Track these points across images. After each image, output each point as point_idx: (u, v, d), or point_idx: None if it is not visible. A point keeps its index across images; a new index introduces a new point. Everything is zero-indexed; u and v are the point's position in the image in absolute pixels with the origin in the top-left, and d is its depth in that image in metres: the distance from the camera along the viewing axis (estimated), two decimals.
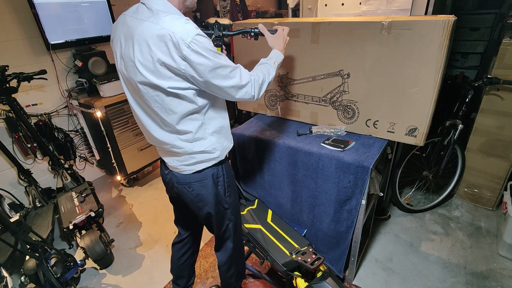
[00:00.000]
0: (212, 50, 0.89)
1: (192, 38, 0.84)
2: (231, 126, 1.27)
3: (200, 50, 0.86)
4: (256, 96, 1.05)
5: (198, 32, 0.87)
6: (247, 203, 1.69)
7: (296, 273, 1.29)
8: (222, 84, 0.94)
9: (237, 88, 0.98)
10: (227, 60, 0.95)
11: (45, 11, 2.21)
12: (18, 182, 2.33)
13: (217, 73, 0.91)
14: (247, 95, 1.01)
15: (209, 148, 1.07)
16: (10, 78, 1.92)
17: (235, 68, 0.97)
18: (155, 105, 0.95)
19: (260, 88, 1.05)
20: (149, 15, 0.89)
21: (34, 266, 1.50)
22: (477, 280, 1.67)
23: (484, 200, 2.19)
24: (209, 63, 0.88)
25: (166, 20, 0.86)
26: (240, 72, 0.99)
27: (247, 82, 1.00)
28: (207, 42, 0.88)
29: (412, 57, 1.21)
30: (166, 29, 0.84)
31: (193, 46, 0.84)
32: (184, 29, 0.85)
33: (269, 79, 1.09)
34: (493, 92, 1.93)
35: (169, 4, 0.93)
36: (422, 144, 1.35)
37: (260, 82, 1.05)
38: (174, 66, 0.86)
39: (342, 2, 1.86)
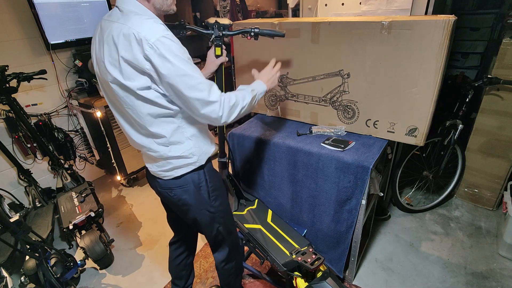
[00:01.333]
0: (179, 55, 0.86)
1: (157, 39, 0.82)
2: (231, 126, 1.26)
3: (165, 53, 0.83)
4: (225, 117, 0.97)
5: (166, 34, 0.84)
6: (247, 203, 1.69)
7: (296, 273, 1.29)
8: (187, 93, 0.88)
9: (203, 103, 0.91)
10: (196, 71, 0.90)
11: (45, 11, 2.21)
12: (18, 182, 2.33)
13: (182, 81, 0.86)
14: (213, 114, 0.94)
15: (186, 153, 1.03)
16: (10, 78, 1.92)
17: (206, 83, 0.92)
18: (127, 107, 0.94)
19: (230, 110, 0.97)
20: (120, 16, 0.88)
21: (34, 266, 1.50)
22: (477, 280, 1.67)
23: (484, 200, 2.19)
24: (172, 68, 0.84)
25: (134, 20, 0.85)
26: (211, 88, 0.93)
27: (215, 100, 0.93)
28: (174, 46, 0.85)
29: (412, 57, 1.21)
30: (131, 28, 0.83)
31: (157, 47, 0.82)
32: (149, 29, 0.83)
33: (243, 104, 1.01)
34: (493, 92, 1.93)
35: (141, 6, 0.91)
36: (422, 144, 1.35)
37: (232, 104, 0.97)
38: (138, 65, 0.84)
39: (342, 2, 1.86)
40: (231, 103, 0.98)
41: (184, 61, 0.87)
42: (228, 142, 1.73)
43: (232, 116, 1.00)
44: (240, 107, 1.01)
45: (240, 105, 1.01)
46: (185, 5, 3.34)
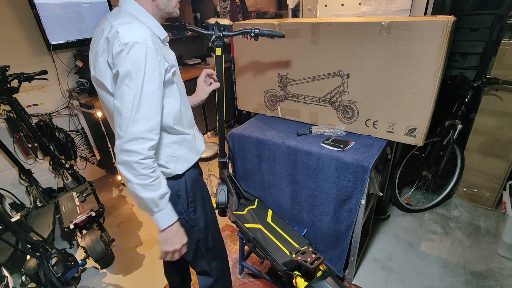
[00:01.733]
0: (147, 71, 0.78)
1: (132, 41, 0.77)
2: (231, 126, 1.24)
3: (131, 60, 0.76)
4: (119, 160, 0.82)
5: (144, 41, 0.78)
6: (247, 202, 1.69)
7: (296, 272, 1.30)
8: (118, 105, 0.79)
9: (124, 127, 0.79)
10: (154, 99, 0.81)
11: (46, 11, 2.22)
12: (19, 182, 2.34)
13: (125, 99, 0.78)
14: (121, 145, 0.80)
15: (162, 162, 0.95)
16: (11, 79, 1.93)
17: (149, 118, 0.81)
18: (104, 107, 0.91)
19: (133, 168, 0.81)
20: (114, 14, 0.87)
21: (35, 265, 1.51)
22: (476, 280, 1.67)
23: (483, 200, 2.20)
24: (130, 79, 0.77)
25: (122, 18, 0.83)
26: (151, 129, 0.81)
27: (141, 137, 0.80)
28: (149, 58, 0.78)
29: (412, 58, 1.21)
30: (113, 23, 0.81)
31: (127, 49, 0.77)
32: (129, 30, 0.79)
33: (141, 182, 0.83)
34: (492, 92, 1.93)
35: (139, 8, 0.88)
36: (422, 144, 1.36)
37: (142, 172, 0.82)
38: (109, 61, 0.81)
39: (341, 3, 1.86)
40: (142, 170, 0.82)
41: (148, 81, 0.79)
42: (228, 142, 1.74)
43: (127, 173, 0.82)
44: (139, 181, 0.83)
45: (141, 180, 0.83)
46: (186, 5, 3.35)
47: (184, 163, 1.03)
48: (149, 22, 0.89)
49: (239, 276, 1.79)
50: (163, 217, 0.92)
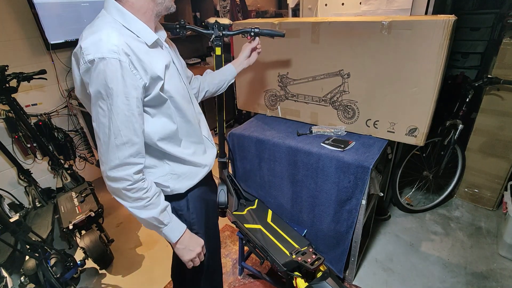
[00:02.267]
0: (117, 92, 0.69)
1: (98, 57, 0.66)
2: (231, 126, 1.21)
3: (96, 80, 0.68)
4: (108, 188, 0.78)
5: (112, 55, 0.67)
6: (247, 203, 1.69)
7: (296, 273, 1.29)
8: (96, 129, 0.74)
9: (105, 153, 0.74)
10: (128, 124, 0.72)
11: (45, 11, 2.21)
12: (17, 182, 2.33)
13: (99, 119, 0.72)
14: (105, 173, 0.76)
15: (160, 180, 0.88)
16: (10, 78, 1.92)
17: (130, 143, 0.74)
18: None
19: (123, 195, 0.77)
20: (91, 22, 0.76)
21: (34, 266, 1.50)
22: (477, 280, 1.66)
23: (484, 200, 2.19)
24: (93, 97, 0.70)
25: (91, 27, 0.73)
26: (136, 153, 0.76)
27: (124, 163, 0.74)
28: (113, 75, 0.67)
29: (412, 57, 1.21)
30: (80, 36, 0.72)
31: (90, 69, 0.68)
32: (91, 44, 0.68)
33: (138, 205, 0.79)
34: (493, 92, 1.92)
35: (119, 8, 0.75)
36: (422, 144, 1.35)
37: (136, 193, 0.77)
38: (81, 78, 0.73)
39: (342, 2, 1.85)
40: (138, 192, 0.78)
41: (123, 100, 0.70)
42: (228, 142, 1.73)
43: (117, 198, 0.79)
44: (134, 203, 0.79)
45: (136, 203, 0.79)
46: (185, 5, 3.34)
47: (187, 180, 0.93)
48: (133, 26, 0.76)
49: (239, 277, 1.78)
50: (171, 231, 0.88)
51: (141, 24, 0.78)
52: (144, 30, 0.78)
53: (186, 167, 0.92)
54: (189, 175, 0.94)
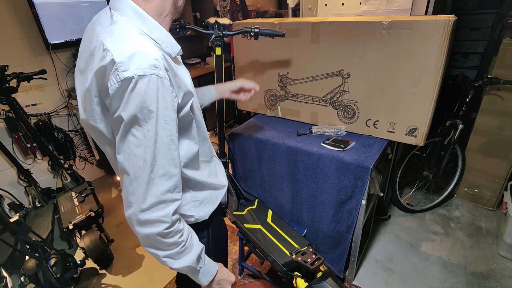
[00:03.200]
0: (157, 115, 0.58)
1: (131, 76, 0.54)
2: (231, 126, 1.18)
3: (133, 102, 0.55)
4: (138, 235, 0.64)
5: (153, 71, 0.56)
6: (247, 203, 1.69)
7: (296, 273, 1.29)
8: (124, 163, 0.60)
9: (137, 191, 0.60)
10: (171, 150, 0.61)
11: (45, 11, 2.21)
12: (17, 182, 2.33)
13: (131, 150, 0.58)
14: (136, 216, 0.61)
15: (183, 210, 0.78)
16: (10, 78, 1.92)
17: (169, 174, 0.62)
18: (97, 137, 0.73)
19: (158, 242, 0.64)
20: (106, 24, 0.62)
21: (34, 266, 1.50)
22: (478, 280, 1.66)
23: (484, 200, 2.19)
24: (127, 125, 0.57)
25: (114, 34, 0.59)
26: (174, 187, 0.63)
27: (162, 200, 0.62)
28: (154, 95, 0.56)
29: (412, 57, 1.21)
30: (105, 48, 0.57)
31: (126, 89, 0.55)
32: (128, 57, 0.55)
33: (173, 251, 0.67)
34: (494, 92, 1.92)
35: (140, 13, 0.62)
36: (422, 144, 1.35)
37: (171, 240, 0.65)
38: (102, 98, 0.61)
39: (342, 2, 1.85)
40: (172, 238, 0.65)
41: (163, 125, 0.59)
42: (228, 142, 1.73)
43: (148, 248, 0.66)
44: (168, 252, 0.66)
45: (170, 251, 0.66)
46: (185, 5, 3.34)
47: (209, 205, 0.84)
48: (157, 34, 0.64)
49: (239, 277, 1.78)
50: (204, 274, 0.77)
51: (165, 32, 0.66)
52: (169, 39, 0.67)
53: (207, 191, 0.84)
54: (210, 199, 0.85)
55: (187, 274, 0.75)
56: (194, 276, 0.76)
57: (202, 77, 3.13)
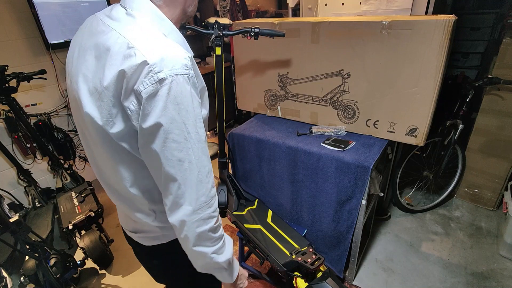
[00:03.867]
0: (195, 115, 0.58)
1: (166, 78, 0.52)
2: (231, 126, 1.16)
3: (171, 105, 0.54)
4: (190, 238, 0.62)
5: (185, 70, 0.55)
6: (247, 203, 1.68)
7: (296, 273, 1.29)
8: (168, 169, 0.58)
9: (187, 193, 0.59)
10: (206, 145, 0.63)
11: (44, 10, 2.20)
12: (17, 182, 2.33)
13: (173, 155, 0.57)
14: (188, 217, 0.60)
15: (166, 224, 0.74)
16: (10, 78, 1.92)
17: (210, 170, 0.63)
18: (96, 158, 0.70)
19: (208, 239, 0.64)
20: (123, 21, 0.59)
21: (34, 266, 1.50)
22: (478, 281, 1.66)
23: (484, 200, 2.19)
24: (171, 126, 0.55)
25: (139, 32, 0.57)
26: (212, 182, 0.64)
27: (210, 196, 0.63)
28: (188, 95, 0.56)
29: (413, 57, 1.20)
30: (131, 46, 0.53)
31: (162, 91, 0.52)
32: (161, 56, 0.53)
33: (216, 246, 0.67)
34: (494, 92, 1.92)
35: (160, 15, 0.61)
36: (423, 144, 1.35)
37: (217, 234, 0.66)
38: (126, 105, 0.56)
39: (342, 2, 1.85)
40: (218, 232, 0.66)
41: (199, 124, 0.60)
42: (228, 142, 1.73)
43: (199, 248, 0.64)
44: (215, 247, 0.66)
45: (216, 245, 0.67)
46: None
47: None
48: (174, 37, 0.63)
49: None
50: (235, 268, 0.78)
51: (180, 36, 0.65)
52: (184, 43, 0.65)
53: None
54: None
55: (220, 271, 0.74)
56: (226, 273, 0.75)
57: (202, 76, 3.13)
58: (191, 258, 0.68)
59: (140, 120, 0.55)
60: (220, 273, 0.75)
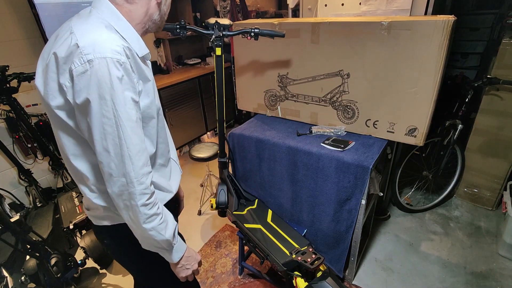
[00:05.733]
0: (123, 94, 0.64)
1: (93, 59, 0.60)
2: (231, 126, 1.18)
3: (98, 83, 0.61)
4: (121, 206, 0.71)
5: (114, 55, 0.62)
6: (247, 203, 1.69)
7: (296, 273, 1.30)
8: (101, 142, 0.65)
9: (119, 167, 0.66)
10: (138, 131, 0.68)
11: (45, 11, 2.21)
12: (18, 182, 2.33)
13: (105, 129, 0.64)
14: (119, 189, 0.68)
15: (110, 205, 0.80)
16: (11, 78, 1.92)
17: (142, 149, 0.69)
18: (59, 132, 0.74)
19: (141, 213, 0.70)
20: (81, 19, 0.69)
21: (35, 265, 1.50)
22: (477, 280, 1.67)
23: (483, 200, 2.20)
24: (104, 109, 0.62)
25: (85, 25, 0.66)
26: (147, 160, 0.71)
27: (142, 173, 0.69)
28: (116, 75, 0.62)
29: (412, 57, 1.21)
30: (72, 32, 0.64)
31: (89, 71, 0.60)
32: (92, 42, 0.62)
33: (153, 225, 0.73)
34: (493, 92, 1.93)
35: (115, 13, 0.70)
36: (422, 144, 1.35)
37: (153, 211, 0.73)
38: (62, 82, 0.64)
39: (342, 2, 1.86)
40: (154, 209, 0.73)
41: (129, 103, 0.65)
42: (228, 142, 1.73)
43: (134, 223, 0.72)
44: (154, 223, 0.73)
45: (152, 223, 0.73)
46: (185, 5, 3.35)
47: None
48: (127, 33, 0.71)
49: (239, 276, 1.79)
50: (178, 249, 0.84)
51: (135, 33, 0.73)
52: (138, 40, 0.74)
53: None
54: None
55: (161, 251, 0.81)
56: (167, 253, 0.82)
57: (202, 77, 3.14)
58: (133, 232, 0.76)
59: (74, 96, 0.63)
60: (162, 253, 0.82)
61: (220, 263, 1.89)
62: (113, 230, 0.86)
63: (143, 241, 0.79)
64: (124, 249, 0.92)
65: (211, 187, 2.58)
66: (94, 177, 0.77)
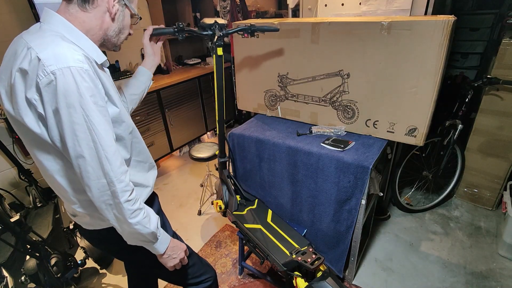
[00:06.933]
0: (93, 99, 0.66)
1: (56, 70, 0.61)
2: (231, 126, 1.19)
3: (65, 92, 0.62)
4: (104, 208, 0.73)
5: (77, 64, 0.64)
6: (247, 203, 1.69)
7: (296, 273, 1.29)
8: (75, 148, 0.67)
9: (97, 169, 0.69)
10: (108, 131, 0.70)
11: None
12: (18, 182, 2.33)
13: (77, 135, 0.66)
14: (100, 192, 0.71)
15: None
16: None
17: (116, 148, 0.72)
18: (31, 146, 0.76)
19: (124, 210, 0.73)
20: (34, 34, 0.70)
21: (35, 265, 1.50)
22: (477, 280, 1.67)
23: (483, 200, 2.20)
24: (73, 116, 0.64)
25: (41, 39, 0.67)
26: (122, 158, 0.74)
27: (120, 172, 0.72)
28: (81, 82, 0.64)
29: (412, 57, 1.21)
30: (30, 48, 0.64)
31: (54, 82, 0.62)
32: (52, 54, 0.63)
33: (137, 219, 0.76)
34: (493, 92, 1.93)
35: (67, 25, 0.71)
36: (422, 144, 1.35)
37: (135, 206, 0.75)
38: (29, 97, 0.65)
39: (342, 3, 1.86)
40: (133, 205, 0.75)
41: (98, 107, 0.67)
42: (228, 142, 1.73)
43: (118, 223, 0.76)
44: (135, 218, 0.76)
45: (135, 217, 0.76)
46: (185, 5, 3.35)
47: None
48: (82, 43, 0.72)
49: (239, 276, 1.79)
50: (162, 241, 0.88)
51: (90, 43, 0.75)
52: (94, 48, 0.76)
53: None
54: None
55: (147, 244, 0.85)
56: (153, 245, 0.85)
57: (202, 77, 3.14)
58: (118, 230, 0.79)
59: (44, 108, 0.65)
60: (149, 246, 0.86)
61: (220, 263, 1.89)
62: (101, 235, 0.90)
63: (129, 237, 0.82)
64: (114, 253, 0.98)
65: (211, 187, 2.58)
66: (72, 189, 0.80)
